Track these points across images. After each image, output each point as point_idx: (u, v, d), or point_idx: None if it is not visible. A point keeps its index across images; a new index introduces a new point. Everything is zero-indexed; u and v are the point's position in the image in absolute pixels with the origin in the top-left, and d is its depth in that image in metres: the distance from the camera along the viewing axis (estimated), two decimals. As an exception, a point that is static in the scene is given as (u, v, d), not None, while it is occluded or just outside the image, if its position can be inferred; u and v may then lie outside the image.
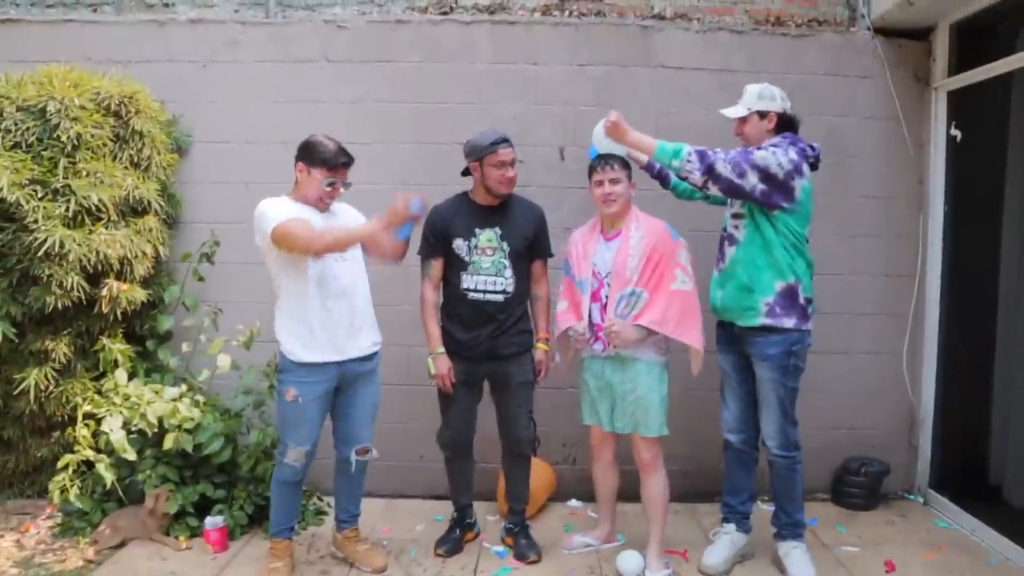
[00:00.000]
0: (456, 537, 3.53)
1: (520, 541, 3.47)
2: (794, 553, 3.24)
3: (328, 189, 2.93)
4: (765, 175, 2.96)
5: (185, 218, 4.07)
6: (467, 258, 3.18)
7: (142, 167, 3.83)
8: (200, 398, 3.67)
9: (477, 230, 3.18)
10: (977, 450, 3.87)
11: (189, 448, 3.49)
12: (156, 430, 3.48)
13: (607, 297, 3.06)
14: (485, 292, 3.17)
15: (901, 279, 4.12)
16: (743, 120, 3.19)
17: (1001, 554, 3.54)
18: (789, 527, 3.27)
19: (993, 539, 3.63)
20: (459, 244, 3.19)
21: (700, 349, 3.05)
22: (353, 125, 3.95)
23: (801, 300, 3.09)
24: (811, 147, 3.13)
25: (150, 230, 3.82)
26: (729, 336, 3.25)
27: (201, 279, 3.85)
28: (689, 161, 2.94)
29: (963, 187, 3.98)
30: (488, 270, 3.16)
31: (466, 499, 3.53)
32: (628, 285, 3.01)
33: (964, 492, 3.96)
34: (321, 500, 3.90)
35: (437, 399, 3.30)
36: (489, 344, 3.17)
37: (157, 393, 3.58)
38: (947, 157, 4.03)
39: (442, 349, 3.19)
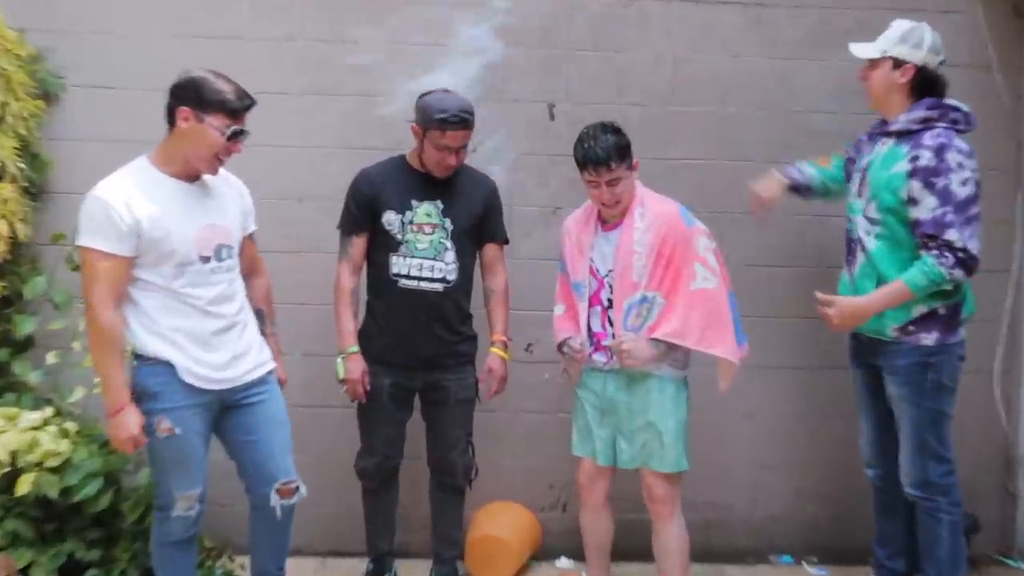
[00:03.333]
0: None
1: None
2: None
3: (231, 141, 2.53)
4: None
5: (55, 186, 3.57)
6: (399, 236, 3.00)
7: (-8, 117, 3.29)
8: (70, 426, 3.22)
9: (414, 202, 3.01)
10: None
11: (54, 494, 3.04)
12: (8, 469, 3.02)
13: (610, 302, 2.87)
14: (420, 279, 3.00)
15: (991, 276, 3.55)
16: (872, 64, 2.92)
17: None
18: None
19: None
20: (390, 218, 3.00)
21: (735, 360, 2.83)
22: (282, 70, 3.52)
23: (941, 310, 2.85)
24: (964, 116, 2.87)
25: (4, 202, 3.30)
26: (859, 346, 3.07)
27: (76, 268, 3.24)
28: (951, 273, 2.73)
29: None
30: (425, 252, 3.00)
31: (387, 544, 3.31)
32: (637, 290, 2.81)
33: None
34: (232, 560, 3.37)
35: (356, 416, 3.13)
36: (424, 348, 3.02)
37: (11, 420, 3.13)
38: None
39: (356, 348, 3.04)
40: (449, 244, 3.02)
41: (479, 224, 3.08)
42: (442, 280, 3.02)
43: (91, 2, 3.52)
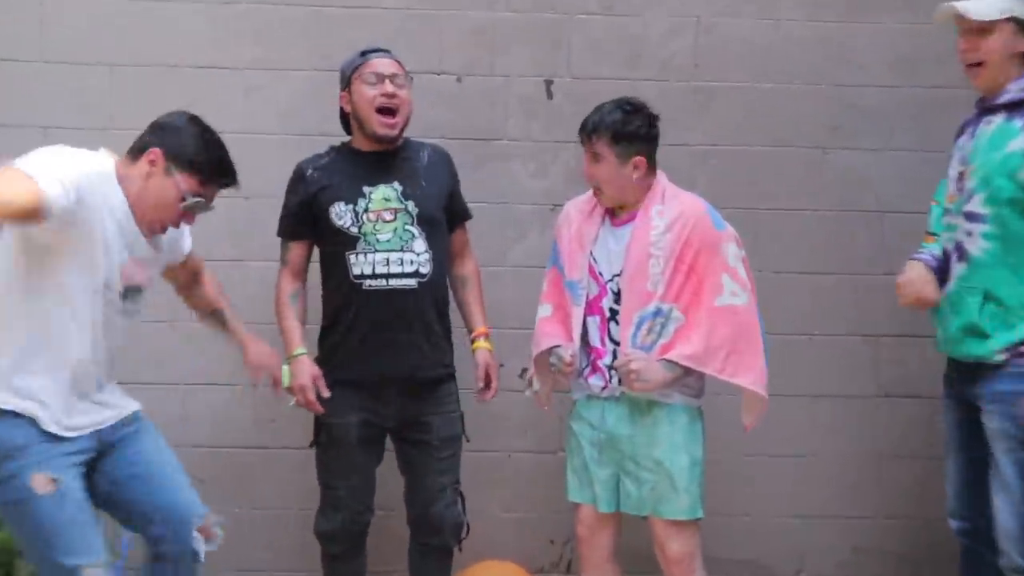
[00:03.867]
0: None
1: None
2: None
3: (184, 211, 2.40)
4: None
5: None
6: (354, 230, 2.80)
7: None
8: None
9: (366, 188, 2.82)
10: None
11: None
12: None
13: (612, 312, 2.71)
14: (388, 277, 2.78)
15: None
16: (984, 29, 2.56)
17: None
18: None
19: None
20: (339, 210, 2.81)
21: (763, 393, 2.66)
22: (221, 39, 3.26)
23: None
24: None
25: None
26: (955, 374, 2.80)
27: None
28: None
29: None
30: (389, 243, 2.80)
31: None
32: (651, 300, 2.64)
33: None
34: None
35: (315, 459, 2.90)
36: (402, 362, 2.81)
37: None
38: None
39: (303, 350, 2.83)
40: (416, 231, 2.82)
41: (447, 204, 2.93)
42: (415, 274, 2.81)
43: None
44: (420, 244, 2.83)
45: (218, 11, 3.27)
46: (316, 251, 2.99)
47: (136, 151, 2.39)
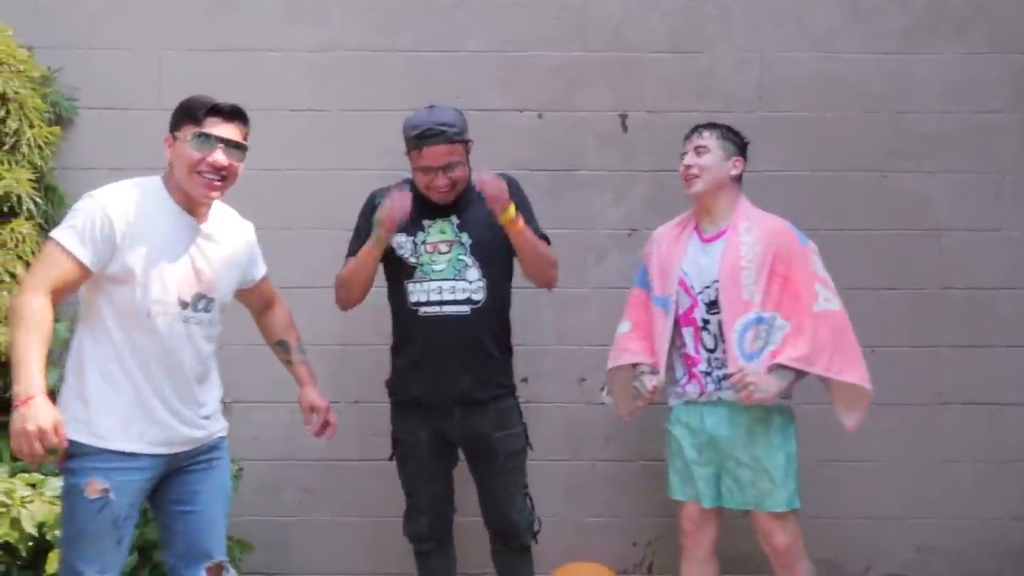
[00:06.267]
0: None
1: None
2: None
3: (199, 153, 2.29)
4: None
5: None
6: (412, 260, 2.85)
7: (6, 146, 3.10)
8: None
9: (426, 222, 2.87)
10: None
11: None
12: (32, 543, 2.83)
13: (704, 322, 2.77)
14: (442, 304, 2.83)
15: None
16: None
17: None
18: None
19: None
20: (400, 240, 2.86)
21: (869, 387, 2.72)
22: (319, 83, 3.32)
23: None
24: None
25: (22, 240, 3.14)
26: None
27: None
28: None
29: None
30: (443, 273, 2.84)
31: None
32: (750, 309, 2.70)
33: None
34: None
35: (396, 470, 2.95)
36: (458, 383, 2.84)
37: (35, 487, 2.94)
38: None
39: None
40: (470, 260, 2.84)
41: (506, 235, 2.89)
42: (467, 301, 2.84)
43: (103, 14, 3.35)
44: (473, 273, 2.85)
45: (316, 60, 3.32)
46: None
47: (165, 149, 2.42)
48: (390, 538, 3.20)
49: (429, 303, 2.85)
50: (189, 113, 2.34)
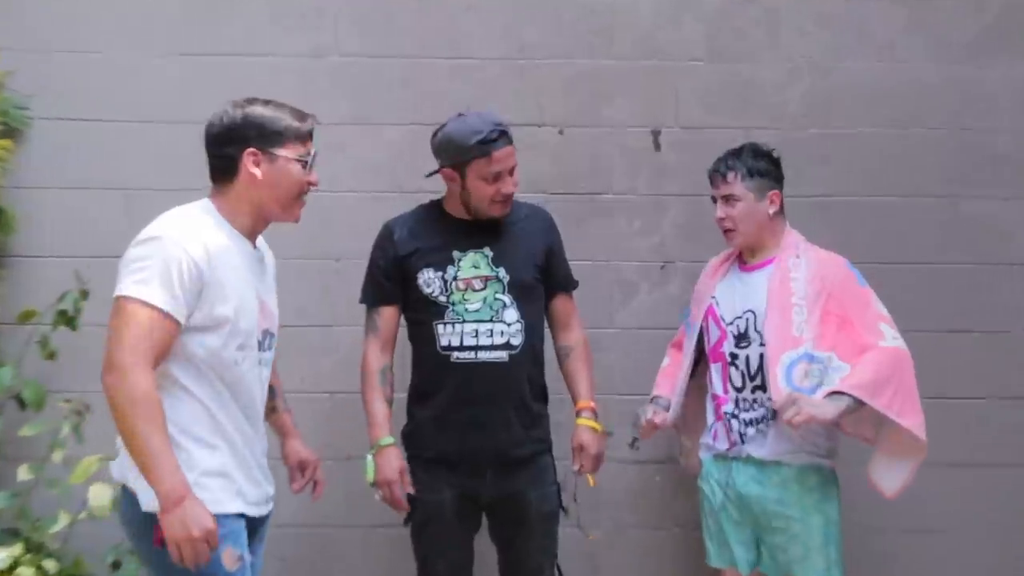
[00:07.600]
0: None
1: None
2: None
3: (310, 172, 2.37)
4: None
5: (24, 248, 3.25)
6: (442, 299, 2.75)
7: (-55, 161, 2.94)
8: (50, 565, 2.91)
9: (456, 253, 2.76)
10: None
11: (34, 658, 2.67)
12: None
13: (734, 356, 2.73)
14: (478, 350, 2.72)
15: None
16: None
17: None
18: None
19: None
20: (428, 277, 2.76)
21: (923, 438, 2.61)
22: (311, 93, 3.10)
23: None
24: None
25: None
26: None
27: (51, 356, 3.07)
28: None
29: None
30: (479, 314, 2.74)
31: None
32: (800, 344, 2.65)
33: None
34: None
35: (410, 536, 2.82)
36: (494, 440, 2.74)
37: None
38: None
39: (391, 439, 2.75)
40: (508, 299, 2.75)
41: (544, 268, 2.84)
42: (506, 346, 2.74)
43: (63, 15, 3.23)
44: (511, 314, 2.78)
45: (308, 67, 3.24)
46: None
47: (223, 172, 2.36)
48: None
49: (463, 348, 2.75)
50: (293, 130, 2.36)
